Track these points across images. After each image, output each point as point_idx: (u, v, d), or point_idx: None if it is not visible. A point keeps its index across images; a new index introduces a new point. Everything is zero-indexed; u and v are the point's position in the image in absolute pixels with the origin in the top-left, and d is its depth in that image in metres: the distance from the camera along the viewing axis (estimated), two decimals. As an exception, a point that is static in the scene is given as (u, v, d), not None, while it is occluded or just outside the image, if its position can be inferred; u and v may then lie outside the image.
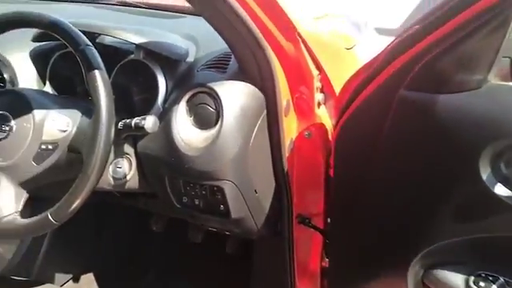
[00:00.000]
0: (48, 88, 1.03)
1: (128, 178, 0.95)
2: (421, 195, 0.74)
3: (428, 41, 0.67)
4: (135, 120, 0.81)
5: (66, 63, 1.00)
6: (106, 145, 0.74)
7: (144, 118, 0.80)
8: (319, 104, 0.98)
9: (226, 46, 0.87)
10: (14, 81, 1.03)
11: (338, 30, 1.14)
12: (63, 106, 0.82)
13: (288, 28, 0.85)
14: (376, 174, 0.80)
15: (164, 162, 0.90)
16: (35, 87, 1.03)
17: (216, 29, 0.82)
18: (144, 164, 0.95)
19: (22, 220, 0.77)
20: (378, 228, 0.83)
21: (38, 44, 1.03)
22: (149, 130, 0.80)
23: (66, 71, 1.00)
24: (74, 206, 0.73)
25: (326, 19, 1.15)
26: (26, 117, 0.79)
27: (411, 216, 0.76)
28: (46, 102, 0.81)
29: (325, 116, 1.01)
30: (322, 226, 1.07)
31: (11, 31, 0.85)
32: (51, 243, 1.24)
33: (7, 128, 0.79)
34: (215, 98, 0.85)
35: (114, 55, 0.96)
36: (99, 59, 0.77)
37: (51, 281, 1.26)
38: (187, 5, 0.77)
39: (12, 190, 0.78)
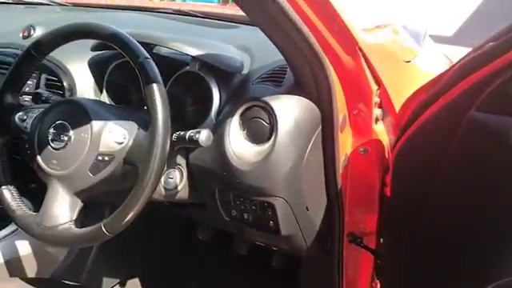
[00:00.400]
0: (105, 97, 1.05)
1: (179, 188, 0.94)
2: (491, 220, 0.68)
3: (504, 60, 0.62)
4: (189, 133, 0.80)
5: (122, 73, 1.01)
6: (161, 158, 0.74)
7: (198, 132, 0.79)
8: (377, 120, 0.94)
9: (281, 57, 0.85)
10: (72, 89, 1.05)
11: (397, 42, 1.10)
12: (120, 117, 0.83)
13: (348, 41, 0.82)
14: (438, 196, 0.75)
15: (215, 175, 0.89)
16: (92, 96, 1.06)
17: (272, 40, 0.80)
18: (195, 175, 0.94)
19: (77, 230, 0.78)
20: (437, 253, 0.78)
21: (96, 53, 1.05)
22: (202, 144, 0.79)
23: (122, 80, 1.02)
24: (128, 218, 0.73)
25: (384, 30, 1.11)
26: (84, 127, 0.80)
27: (478, 243, 0.71)
28: (104, 112, 0.82)
29: (382, 132, 0.97)
30: (374, 246, 1.03)
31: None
32: (101, 247, 1.26)
33: (66, 138, 0.81)
34: (270, 112, 0.83)
35: (169, 66, 0.96)
36: (157, 72, 0.77)
37: (99, 286, 1.28)
38: (242, 14, 0.75)
39: (68, 199, 0.79)
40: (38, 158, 0.82)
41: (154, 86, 0.75)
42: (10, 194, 0.85)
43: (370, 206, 1.00)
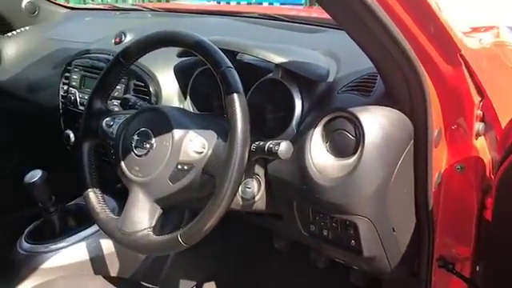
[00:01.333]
0: (188, 103, 1.05)
1: (256, 198, 0.92)
2: None
3: None
4: (269, 144, 0.77)
5: (205, 79, 1.01)
6: (239, 170, 0.71)
7: (278, 144, 0.76)
8: (477, 135, 0.84)
9: (371, 65, 0.79)
10: (158, 95, 1.07)
11: (506, 45, 0.98)
12: (201, 126, 0.82)
13: (448, 46, 0.74)
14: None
15: (294, 188, 0.85)
16: (176, 102, 1.07)
17: (360, 45, 0.74)
18: (273, 186, 0.91)
19: (154, 237, 0.78)
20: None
21: (182, 59, 1.05)
22: (282, 157, 0.76)
23: (205, 87, 1.01)
24: (204, 229, 0.72)
25: (487, 32, 0.99)
26: (165, 135, 0.80)
27: None
28: (185, 121, 0.82)
29: (483, 148, 0.87)
30: (469, 274, 0.93)
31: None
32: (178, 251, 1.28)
33: (148, 145, 0.82)
34: (356, 124, 0.77)
35: (252, 73, 0.93)
36: (238, 81, 0.75)
37: None
38: (328, 17, 0.69)
39: (147, 206, 0.80)
40: (122, 163, 0.84)
41: (235, 96, 0.72)
42: (95, 197, 0.88)
43: (466, 230, 0.90)
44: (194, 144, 0.79)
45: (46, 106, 1.44)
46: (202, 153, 0.79)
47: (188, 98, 1.05)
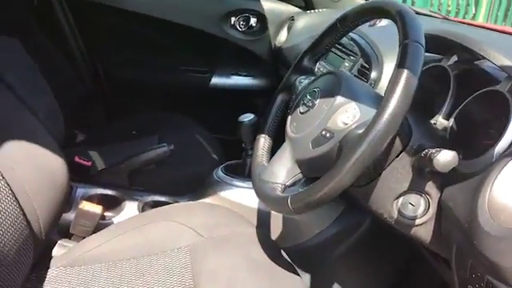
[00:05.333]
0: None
1: (417, 222, 0.76)
2: None
3: None
4: (432, 149, 0.62)
5: (429, 79, 0.89)
6: (369, 151, 0.60)
7: (439, 151, 0.60)
8: None
9: None
10: (376, 82, 1.00)
11: None
12: (364, 100, 0.73)
13: None
14: None
15: (459, 226, 0.66)
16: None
17: None
18: (443, 218, 0.73)
19: (277, 192, 0.75)
20: None
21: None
22: (436, 167, 0.60)
23: (425, 88, 0.90)
24: (313, 199, 0.64)
25: None
26: (328, 99, 0.75)
27: None
28: (353, 93, 0.74)
29: None
30: None
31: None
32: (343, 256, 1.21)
33: (311, 104, 0.79)
34: None
35: (477, 79, 0.77)
36: (418, 61, 0.62)
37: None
38: None
39: (289, 163, 0.78)
40: (289, 117, 0.84)
41: (405, 72, 0.60)
42: (262, 143, 0.91)
43: None
44: (346, 115, 0.72)
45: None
46: (347, 124, 0.71)
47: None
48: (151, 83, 1.94)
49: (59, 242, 1.04)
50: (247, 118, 1.17)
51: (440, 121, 0.81)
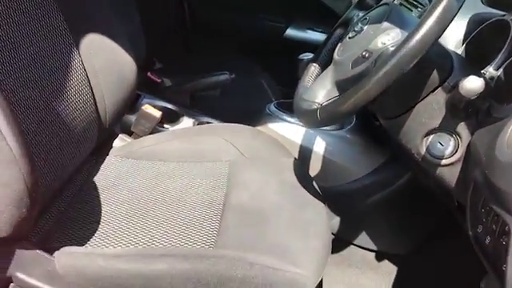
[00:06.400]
0: (461, 50, 0.94)
1: (443, 162, 0.77)
2: None
3: None
4: (462, 78, 0.63)
5: (488, 35, 0.88)
6: (398, 64, 0.62)
7: (467, 79, 0.61)
8: None
9: None
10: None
11: None
12: (409, 28, 0.73)
13: None
14: None
15: (479, 164, 0.67)
16: (453, 46, 0.96)
17: None
18: (468, 159, 0.74)
19: (311, 108, 0.79)
20: None
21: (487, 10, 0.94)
22: (461, 91, 0.61)
23: (483, 43, 0.89)
24: (340, 109, 0.68)
25: None
26: (375, 25, 0.77)
27: None
28: (399, 19, 0.75)
29: None
30: None
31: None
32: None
33: (358, 29, 0.81)
34: None
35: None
36: None
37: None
38: None
39: (328, 85, 0.81)
40: (339, 44, 0.87)
41: (445, 1, 0.60)
42: (312, 70, 0.95)
43: None
44: (387, 37, 0.74)
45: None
46: (384, 44, 0.73)
47: (463, 46, 0.93)
48: (230, 26, 2.02)
49: (120, 135, 1.17)
50: (306, 56, 1.21)
51: (490, 71, 0.80)
